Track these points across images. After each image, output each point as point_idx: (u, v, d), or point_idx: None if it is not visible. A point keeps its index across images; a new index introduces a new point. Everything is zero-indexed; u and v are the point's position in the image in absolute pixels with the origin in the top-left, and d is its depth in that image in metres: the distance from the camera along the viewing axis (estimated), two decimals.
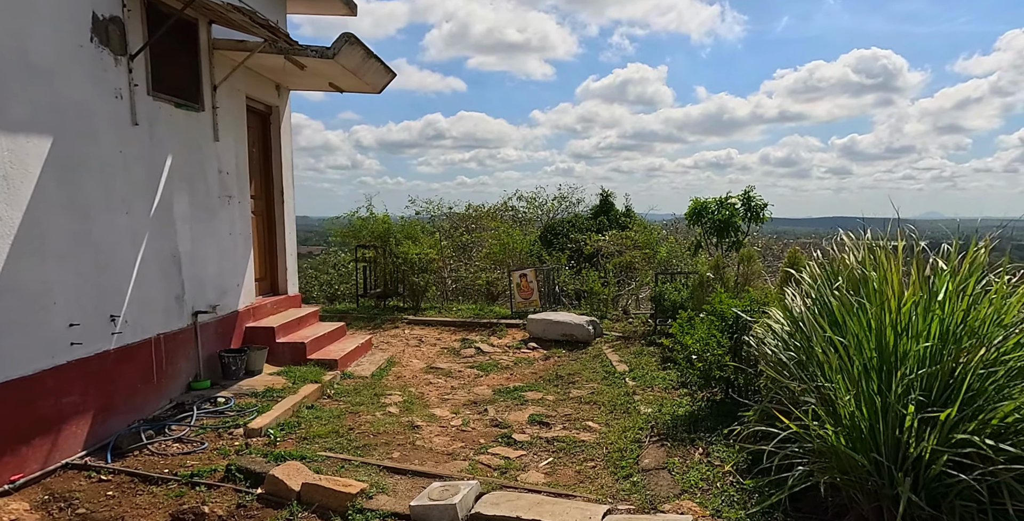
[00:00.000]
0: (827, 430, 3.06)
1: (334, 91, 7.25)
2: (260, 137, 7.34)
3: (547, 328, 8.43)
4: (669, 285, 7.96)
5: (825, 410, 3.20)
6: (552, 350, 8.05)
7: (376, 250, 10.93)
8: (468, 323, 9.65)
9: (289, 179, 7.70)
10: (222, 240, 6.25)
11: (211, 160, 6.01)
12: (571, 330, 8.22)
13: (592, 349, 7.93)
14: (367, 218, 11.17)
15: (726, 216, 6.93)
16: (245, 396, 5.60)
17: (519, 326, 9.34)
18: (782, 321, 3.74)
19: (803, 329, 3.52)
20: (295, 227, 7.92)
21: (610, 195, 15.66)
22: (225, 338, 6.26)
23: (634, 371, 6.51)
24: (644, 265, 9.76)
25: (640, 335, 8.30)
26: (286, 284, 7.68)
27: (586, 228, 14.55)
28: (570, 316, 8.52)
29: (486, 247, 11.52)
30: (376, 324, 9.95)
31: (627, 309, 9.76)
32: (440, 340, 8.95)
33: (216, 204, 6.12)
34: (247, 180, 6.73)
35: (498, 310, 10.45)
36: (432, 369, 7.30)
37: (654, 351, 7.32)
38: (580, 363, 7.27)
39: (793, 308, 3.68)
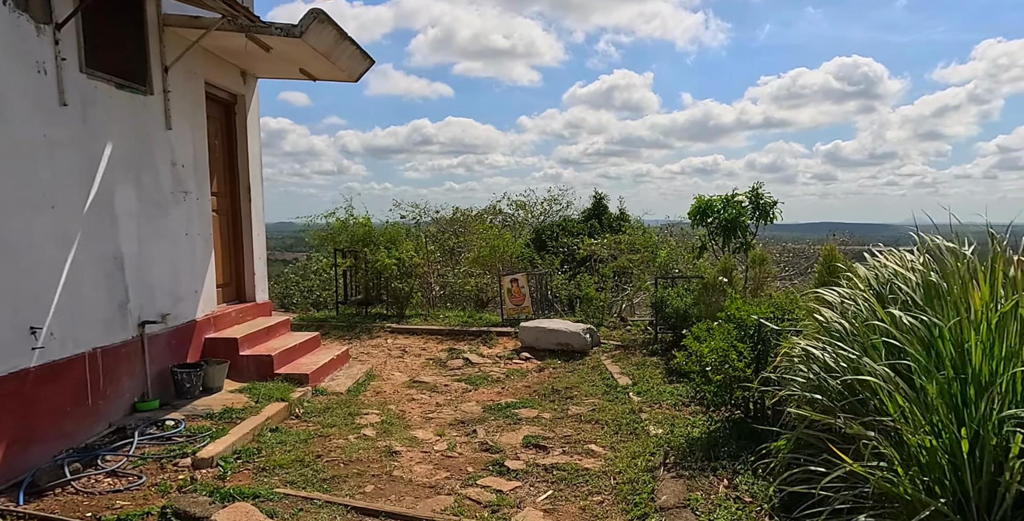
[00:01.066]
0: (896, 471, 2.43)
1: (306, 79, 6.58)
2: (223, 128, 6.65)
3: (541, 337, 7.77)
4: (671, 290, 7.34)
5: (890, 442, 2.58)
6: (547, 361, 7.38)
7: (356, 255, 10.23)
8: (456, 331, 8.97)
9: (257, 175, 7.01)
10: (177, 241, 5.54)
11: (162, 150, 5.31)
12: (567, 339, 7.57)
13: (590, 359, 7.27)
14: (345, 220, 10.48)
15: (733, 215, 6.32)
16: (199, 418, 4.88)
17: (510, 335, 8.67)
18: (825, 336, 3.11)
19: (851, 347, 2.90)
20: (264, 228, 7.22)
21: (603, 197, 15.08)
22: (180, 351, 5.54)
23: (638, 384, 5.86)
24: (642, 269, 9.15)
25: (640, 344, 7.66)
26: (254, 290, 6.96)
27: (578, 232, 13.94)
28: (565, 324, 7.87)
29: (475, 250, 10.85)
30: (356, 333, 9.23)
31: (624, 316, 9.14)
32: (425, 350, 8.26)
33: (169, 200, 5.42)
34: (207, 175, 6.03)
35: (488, 317, 9.78)
36: (415, 383, 6.61)
37: (658, 362, 6.67)
38: (578, 375, 6.61)
39: (839, 321, 3.06)
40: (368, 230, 10.30)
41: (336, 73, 6.30)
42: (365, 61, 6.24)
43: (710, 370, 3.99)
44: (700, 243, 6.85)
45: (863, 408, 2.81)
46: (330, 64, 5.84)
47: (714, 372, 3.98)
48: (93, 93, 4.47)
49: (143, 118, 5.07)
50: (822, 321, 3.25)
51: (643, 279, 9.07)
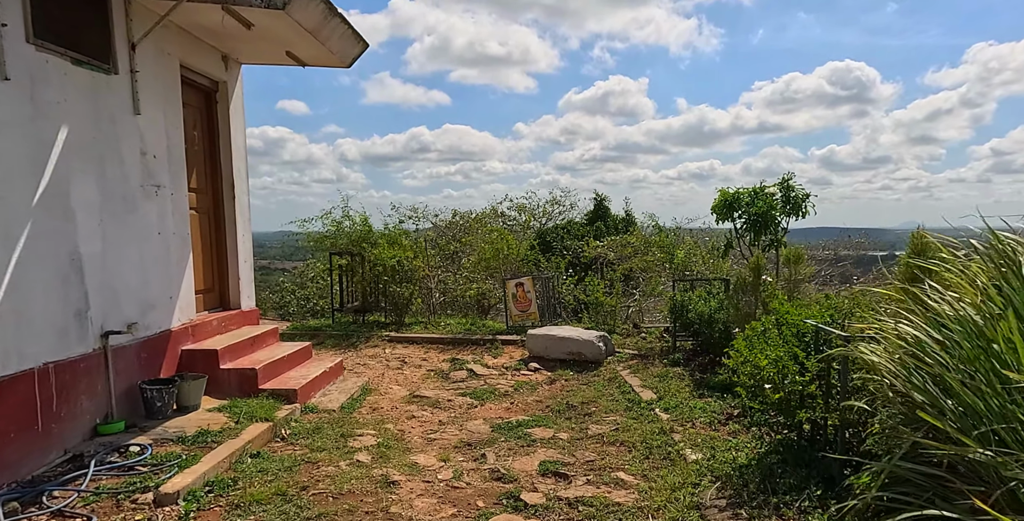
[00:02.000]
0: None
1: (294, 64, 5.98)
2: (204, 118, 6.04)
3: (550, 345, 7.13)
4: (691, 294, 6.72)
5: None
6: (557, 372, 6.74)
7: (353, 257, 9.60)
8: (458, 340, 8.33)
9: (242, 170, 6.39)
10: (148, 240, 4.91)
11: (130, 138, 4.69)
12: (579, 347, 6.93)
13: (605, 370, 6.63)
14: (342, 220, 9.86)
15: (763, 209, 5.70)
16: (169, 442, 4.23)
17: (517, 343, 8.04)
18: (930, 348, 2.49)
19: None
20: (250, 229, 6.59)
21: (605, 199, 14.49)
22: (151, 365, 4.90)
23: (664, 399, 5.21)
24: (657, 272, 8.54)
25: (659, 353, 7.02)
26: (239, 296, 6.32)
27: (582, 235, 13.33)
28: (576, 331, 7.24)
29: (477, 253, 10.23)
30: (352, 343, 8.58)
31: (636, 322, 8.51)
32: (426, 361, 7.62)
33: (138, 195, 4.80)
34: (183, 168, 5.42)
35: (491, 325, 9.15)
36: (416, 398, 5.96)
37: (682, 373, 6.02)
38: (594, 388, 5.97)
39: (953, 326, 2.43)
40: (367, 230, 9.67)
41: (327, 57, 5.70)
42: (358, 43, 5.65)
43: (769, 387, 3.35)
44: (725, 241, 6.22)
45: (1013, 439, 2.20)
46: (319, 44, 5.24)
47: (774, 389, 3.35)
48: (43, 68, 3.86)
49: (106, 100, 4.45)
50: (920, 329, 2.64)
51: (656, 282, 8.46)
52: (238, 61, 6.22)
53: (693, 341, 6.85)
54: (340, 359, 6.46)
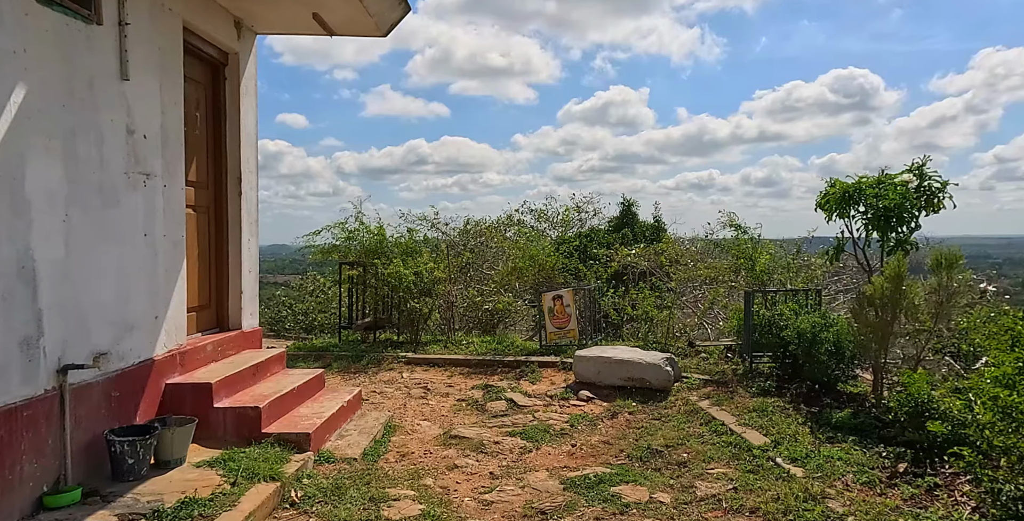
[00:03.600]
0: None
1: (322, 33, 4.92)
2: (209, 97, 4.96)
3: (604, 370, 6.03)
4: (781, 307, 5.64)
5: None
6: (616, 402, 5.64)
7: (365, 269, 8.49)
8: (486, 362, 7.22)
9: (251, 161, 5.30)
10: (131, 244, 3.81)
11: (113, 110, 3.61)
12: (641, 372, 5.83)
13: (677, 401, 5.53)
14: (356, 230, 8.75)
15: (896, 201, 4.60)
16: (141, 519, 3.10)
17: (556, 366, 6.94)
18: None
19: None
20: (258, 232, 5.48)
21: (632, 205, 13.46)
22: (124, 407, 3.77)
23: (783, 445, 4.10)
24: (728, 281, 7.48)
25: (734, 377, 5.92)
26: (240, 315, 5.20)
27: (608, 243, 12.29)
28: (635, 352, 6.14)
29: (506, 262, 9.16)
30: (364, 365, 7.45)
31: (693, 340, 7.43)
32: (452, 387, 6.50)
33: (121, 184, 3.70)
34: (182, 155, 4.32)
35: (521, 343, 8.03)
36: (453, 439, 4.84)
37: (782, 406, 4.91)
38: (673, 426, 4.86)
39: None
40: (381, 239, 8.58)
41: (362, 21, 4.62)
42: (400, 4, 4.59)
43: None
44: (838, 243, 5.15)
45: None
46: (357, 4, 4.17)
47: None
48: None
49: (84, 58, 3.37)
50: None
51: (717, 293, 7.40)
52: (253, 29, 5.13)
53: (775, 364, 5.77)
54: (358, 390, 5.33)
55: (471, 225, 13.90)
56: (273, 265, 42.70)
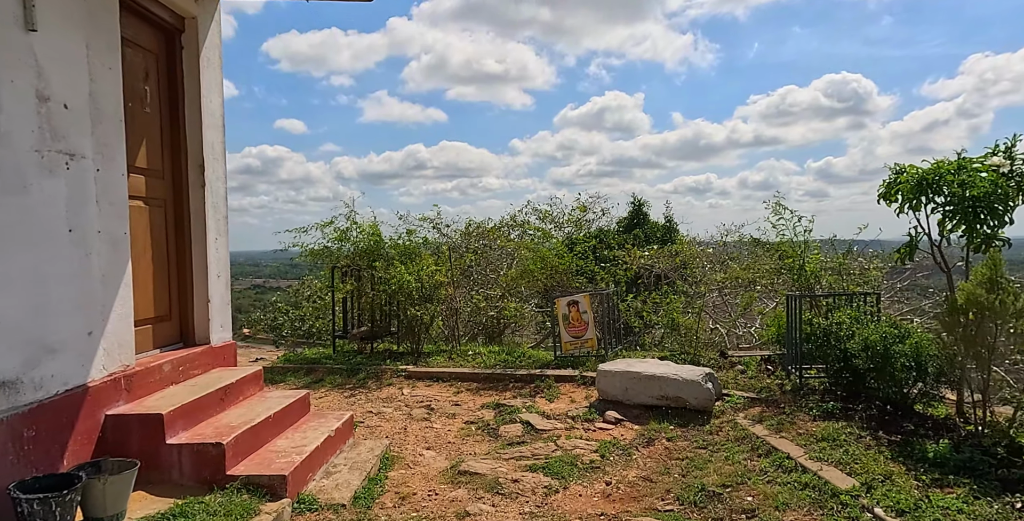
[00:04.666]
0: None
1: None
2: (161, 69, 4.11)
3: (633, 386, 5.17)
4: (840, 313, 4.78)
5: None
6: (650, 425, 4.77)
7: (360, 273, 7.64)
8: (496, 376, 6.35)
9: (217, 147, 4.45)
10: (49, 242, 2.95)
11: (15, 68, 2.75)
12: (676, 390, 4.97)
13: (722, 424, 4.66)
14: (348, 229, 7.91)
15: (986, 189, 3.74)
16: None
17: (575, 380, 6.08)
18: None
19: None
20: (227, 231, 4.61)
21: (643, 204, 12.60)
22: (43, 449, 2.90)
23: (878, 489, 3.22)
24: (769, 283, 6.65)
25: (786, 395, 5.04)
26: (207, 327, 4.34)
27: (618, 244, 11.43)
28: (666, 366, 5.29)
29: (513, 265, 8.31)
30: (360, 380, 6.59)
31: (725, 350, 6.57)
32: (460, 406, 5.63)
33: (28, 165, 2.84)
34: (121, 133, 3.47)
35: (533, 353, 7.16)
36: (463, 475, 3.97)
37: (856, 432, 4.00)
38: (727, 458, 3.99)
39: None
40: (377, 241, 7.74)
41: None
42: None
43: None
44: (911, 240, 4.28)
45: None
46: None
47: None
48: None
49: None
50: None
51: (750, 297, 6.54)
52: None
53: (830, 379, 4.91)
54: (349, 414, 4.45)
55: (473, 227, 13.03)
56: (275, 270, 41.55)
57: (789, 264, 5.51)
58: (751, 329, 8.29)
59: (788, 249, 5.58)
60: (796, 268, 5.45)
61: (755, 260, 8.45)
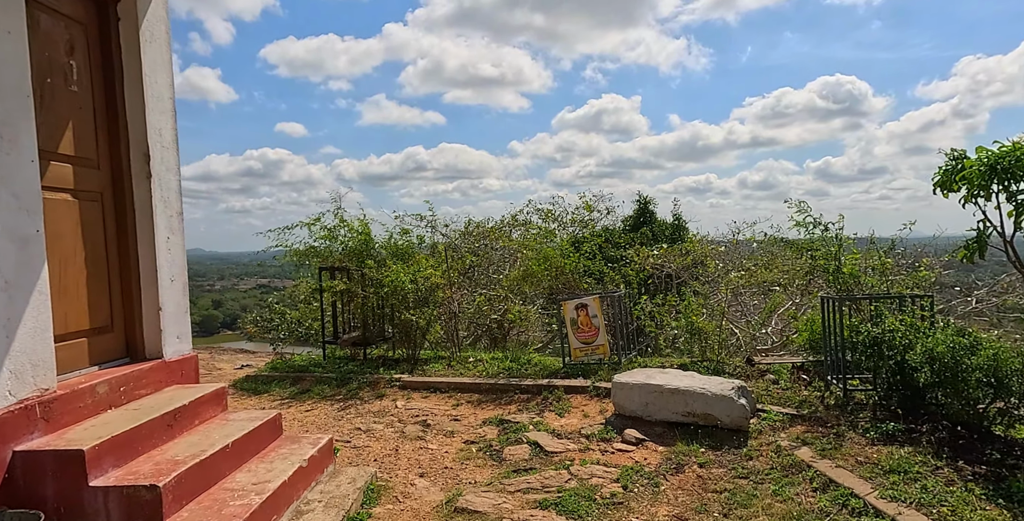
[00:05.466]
0: None
1: None
2: (94, 42, 3.43)
3: (654, 401, 4.48)
4: (891, 319, 4.08)
5: None
6: (677, 447, 4.07)
7: (350, 274, 6.97)
8: (500, 387, 5.67)
9: (168, 133, 3.77)
10: None
11: None
12: (705, 406, 4.27)
13: (761, 447, 3.96)
14: (336, 227, 7.23)
15: None
16: None
17: (587, 391, 5.38)
18: None
19: None
20: (183, 229, 3.93)
21: (650, 202, 11.90)
22: None
23: None
24: (802, 283, 5.95)
25: (831, 411, 4.33)
26: (159, 339, 3.65)
27: (625, 243, 10.73)
28: (691, 378, 4.59)
29: (515, 265, 7.64)
30: (351, 391, 5.91)
31: (751, 357, 5.86)
32: (459, 422, 4.95)
33: None
34: (29, 110, 2.79)
35: (540, 360, 6.47)
36: (461, 514, 3.28)
37: (927, 460, 3.31)
38: (775, 493, 3.29)
39: None
40: (366, 239, 7.07)
41: None
42: None
43: None
44: (978, 234, 3.60)
45: None
46: None
47: None
48: None
49: None
50: None
51: (777, 300, 5.84)
52: None
53: (877, 391, 4.21)
54: (328, 439, 3.76)
55: (473, 227, 12.32)
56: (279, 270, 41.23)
57: (824, 265, 4.79)
58: (766, 331, 7.58)
59: (819, 247, 4.85)
60: (832, 269, 4.74)
61: (772, 259, 7.75)
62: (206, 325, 38.45)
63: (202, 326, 38.22)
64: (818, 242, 4.89)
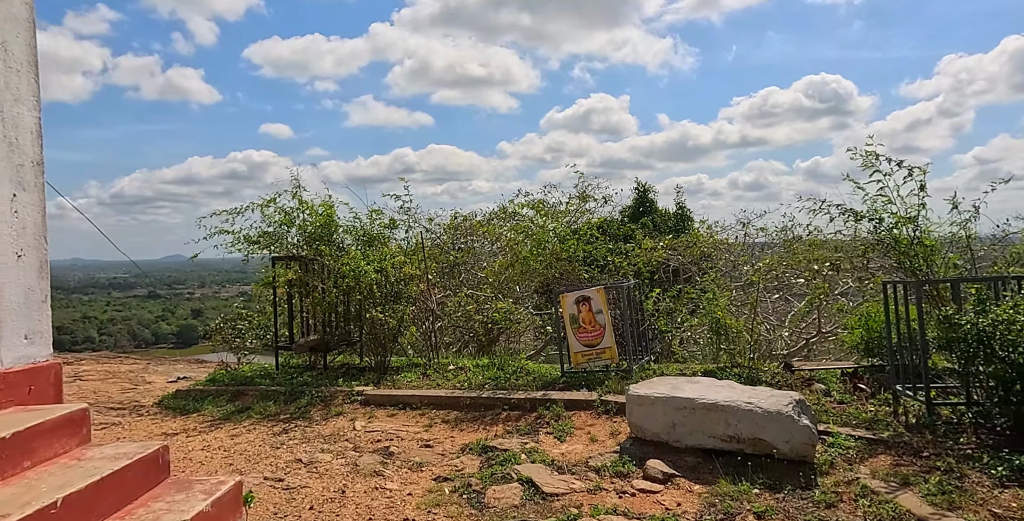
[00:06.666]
0: None
1: None
2: None
3: (684, 420, 3.38)
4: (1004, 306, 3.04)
5: None
6: (718, 485, 2.98)
7: (307, 265, 5.84)
8: (484, 401, 4.57)
9: (19, 51, 2.65)
10: None
11: None
12: (754, 427, 3.17)
13: (841, 488, 2.86)
14: (293, 211, 6.10)
15: None
16: None
17: (592, 406, 4.29)
18: None
19: None
20: (42, 186, 2.81)
21: (648, 190, 10.86)
22: None
23: None
24: (856, 269, 4.90)
25: (922, 434, 3.26)
26: None
27: (624, 235, 9.67)
28: (730, 389, 3.50)
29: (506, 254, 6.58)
30: (300, 408, 4.78)
31: (790, 361, 4.80)
32: (432, 449, 3.84)
33: None
34: None
35: (534, 368, 5.36)
36: None
37: None
38: None
39: None
40: (327, 221, 5.96)
41: None
42: None
43: None
44: None
45: None
46: None
47: None
48: None
49: None
50: None
51: (819, 289, 4.80)
52: None
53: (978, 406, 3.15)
54: (231, 484, 2.62)
55: (460, 219, 11.15)
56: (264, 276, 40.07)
57: (893, 237, 3.66)
58: (785, 333, 6.53)
59: (882, 213, 3.72)
60: (906, 243, 3.64)
61: (793, 253, 6.71)
62: (184, 336, 36.86)
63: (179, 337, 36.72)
64: (880, 207, 3.77)
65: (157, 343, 51.15)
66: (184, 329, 37.82)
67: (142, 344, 52.68)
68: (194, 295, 56.31)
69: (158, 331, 52.70)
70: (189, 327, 39.28)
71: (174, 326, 45.67)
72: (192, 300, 52.68)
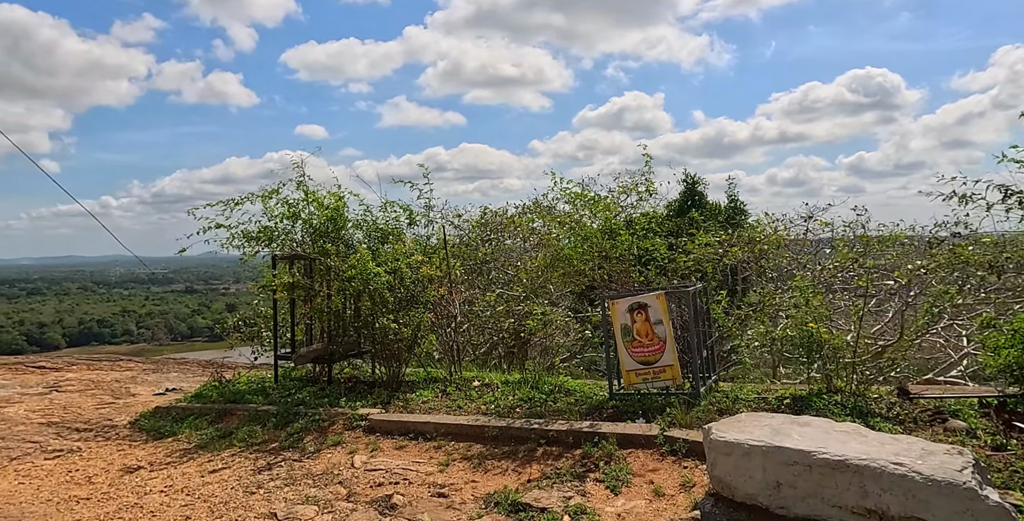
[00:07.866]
0: None
1: None
2: None
3: (796, 481, 2.38)
4: None
5: None
6: None
7: (312, 265, 4.99)
8: (515, 433, 3.63)
9: None
10: None
11: None
12: (908, 503, 2.16)
13: None
14: (299, 203, 5.25)
15: None
16: None
17: (654, 444, 3.30)
18: None
19: None
20: None
21: (698, 182, 9.75)
22: None
23: None
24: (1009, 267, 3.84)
25: None
26: None
27: (671, 232, 8.60)
28: (861, 437, 2.48)
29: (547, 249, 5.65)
30: (292, 435, 3.94)
31: (905, 385, 3.74)
32: (445, 501, 2.93)
33: None
34: None
35: (571, 384, 4.39)
36: None
37: None
38: None
39: None
40: (336, 215, 5.11)
41: None
42: None
43: None
44: None
45: None
46: None
47: None
48: None
49: None
50: None
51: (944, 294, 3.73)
52: None
53: None
54: None
55: (490, 215, 10.18)
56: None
57: None
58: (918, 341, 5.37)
59: None
60: None
61: (852, 254, 5.58)
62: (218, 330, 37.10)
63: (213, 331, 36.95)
64: None
65: (192, 336, 51.83)
66: (218, 323, 38.27)
67: (178, 337, 53.48)
68: (229, 290, 56.95)
69: (194, 325, 53.40)
70: (223, 321, 39.80)
71: (208, 320, 46.34)
72: (227, 295, 53.23)
